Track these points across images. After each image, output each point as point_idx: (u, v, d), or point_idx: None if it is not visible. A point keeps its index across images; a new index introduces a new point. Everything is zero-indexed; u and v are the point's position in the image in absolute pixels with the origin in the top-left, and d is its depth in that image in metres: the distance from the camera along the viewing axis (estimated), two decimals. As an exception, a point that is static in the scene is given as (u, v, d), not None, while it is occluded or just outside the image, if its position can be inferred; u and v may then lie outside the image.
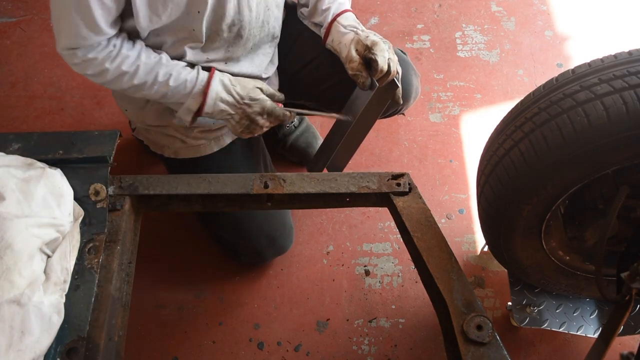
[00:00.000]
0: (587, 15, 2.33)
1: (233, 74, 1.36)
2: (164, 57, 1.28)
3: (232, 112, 1.32)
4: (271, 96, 1.34)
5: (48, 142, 1.15)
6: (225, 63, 1.37)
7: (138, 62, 1.24)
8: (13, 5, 2.33)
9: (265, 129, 1.38)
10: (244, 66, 1.42)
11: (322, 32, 1.42)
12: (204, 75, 1.29)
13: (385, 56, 1.30)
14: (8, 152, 1.12)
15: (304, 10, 1.47)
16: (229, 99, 1.30)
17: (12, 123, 2.03)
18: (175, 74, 1.27)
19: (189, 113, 1.32)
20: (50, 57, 2.19)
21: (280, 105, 1.37)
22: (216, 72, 1.30)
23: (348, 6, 1.42)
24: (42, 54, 2.20)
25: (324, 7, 1.40)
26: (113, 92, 1.50)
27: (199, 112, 1.31)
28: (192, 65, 1.31)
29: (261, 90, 1.32)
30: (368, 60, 1.31)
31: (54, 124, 2.03)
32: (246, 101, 1.31)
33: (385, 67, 1.30)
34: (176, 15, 1.21)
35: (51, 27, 2.27)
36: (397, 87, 1.36)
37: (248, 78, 1.35)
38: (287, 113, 1.36)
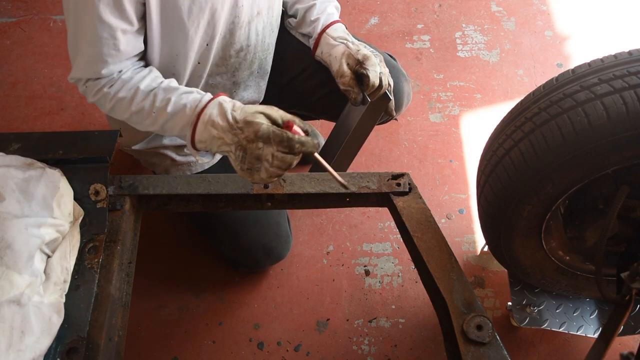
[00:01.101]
0: (587, 15, 2.33)
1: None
2: (168, 81, 1.17)
3: (228, 142, 1.06)
4: (290, 120, 1.06)
5: (48, 142, 1.15)
6: (231, 93, 1.36)
7: (137, 87, 1.15)
8: (13, 5, 2.33)
9: (274, 169, 1.03)
10: (249, 93, 1.42)
11: (311, 44, 1.40)
12: (207, 97, 1.12)
13: (377, 70, 1.28)
14: (8, 152, 1.12)
15: (292, 20, 1.46)
16: (223, 123, 1.06)
17: (12, 123, 2.03)
18: (175, 98, 1.12)
19: (189, 144, 1.14)
20: (50, 57, 2.19)
21: (300, 132, 1.03)
22: (222, 95, 1.12)
23: (337, 17, 1.41)
24: (42, 54, 2.20)
25: (312, 18, 1.38)
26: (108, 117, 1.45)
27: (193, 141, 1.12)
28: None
29: (265, 115, 1.04)
30: (360, 75, 1.29)
31: (54, 124, 2.03)
32: (239, 125, 1.04)
33: (377, 82, 1.28)
34: (194, 53, 1.20)
35: (51, 27, 2.27)
36: (390, 100, 1.36)
37: (259, 105, 1.09)
38: (302, 138, 1.02)
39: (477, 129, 2.03)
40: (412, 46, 2.24)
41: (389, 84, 1.34)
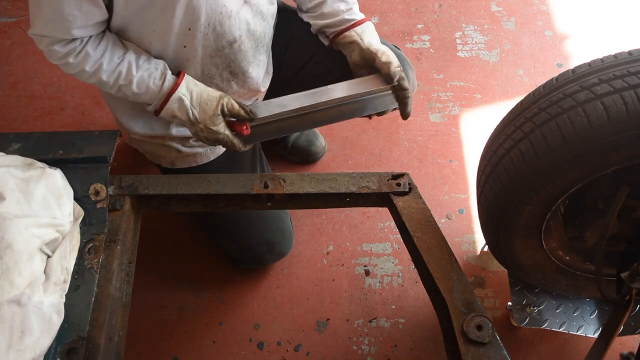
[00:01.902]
0: (587, 15, 2.33)
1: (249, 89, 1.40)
2: (128, 57, 1.22)
3: (188, 128, 1.30)
4: (236, 115, 1.27)
5: (48, 142, 1.15)
6: (229, 82, 1.38)
7: (100, 62, 1.20)
8: (13, 5, 2.33)
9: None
10: (254, 72, 1.42)
11: (331, 32, 1.42)
12: (166, 88, 1.24)
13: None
14: (8, 152, 1.12)
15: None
16: (184, 118, 1.26)
17: (12, 123, 2.03)
18: (137, 80, 1.22)
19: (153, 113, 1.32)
20: (50, 57, 2.19)
21: (245, 127, 1.27)
22: (180, 85, 1.24)
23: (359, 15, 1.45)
24: (42, 54, 2.18)
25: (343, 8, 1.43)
26: (105, 96, 1.47)
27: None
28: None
29: (222, 115, 1.26)
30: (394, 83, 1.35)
31: (54, 124, 2.03)
32: (200, 126, 1.25)
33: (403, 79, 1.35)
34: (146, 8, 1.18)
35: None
36: (405, 105, 1.39)
37: (215, 95, 1.26)
38: (239, 146, 1.30)
39: (477, 129, 2.03)
40: (412, 46, 2.24)
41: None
